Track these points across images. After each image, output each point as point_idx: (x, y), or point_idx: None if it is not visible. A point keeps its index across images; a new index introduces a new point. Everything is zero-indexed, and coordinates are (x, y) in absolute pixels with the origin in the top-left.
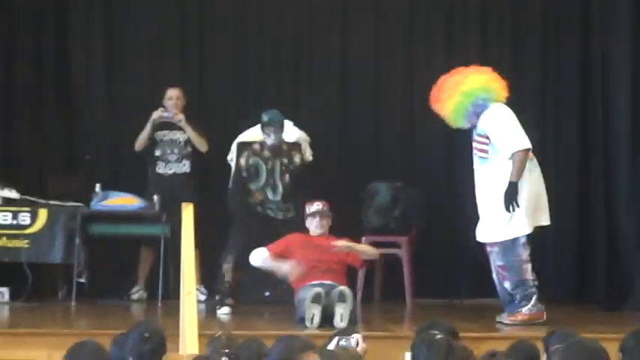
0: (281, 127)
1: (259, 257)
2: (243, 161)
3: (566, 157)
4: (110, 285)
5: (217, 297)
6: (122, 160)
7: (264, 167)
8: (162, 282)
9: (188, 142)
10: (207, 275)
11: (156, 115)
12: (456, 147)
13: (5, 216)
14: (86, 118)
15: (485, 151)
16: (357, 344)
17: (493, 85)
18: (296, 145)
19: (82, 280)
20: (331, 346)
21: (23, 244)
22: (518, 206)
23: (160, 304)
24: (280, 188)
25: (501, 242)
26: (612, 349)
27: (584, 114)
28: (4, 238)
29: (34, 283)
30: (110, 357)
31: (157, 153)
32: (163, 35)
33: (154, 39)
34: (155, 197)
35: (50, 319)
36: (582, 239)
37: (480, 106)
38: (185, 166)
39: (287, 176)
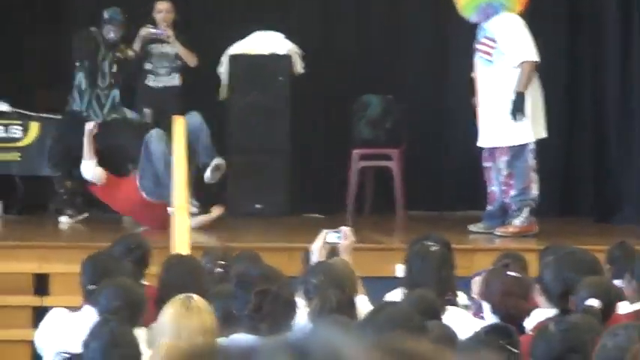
0: (122, 26)
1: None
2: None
3: (554, 70)
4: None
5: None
6: None
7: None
8: None
9: (178, 55)
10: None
11: (144, 32)
12: (448, 60)
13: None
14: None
15: (490, 54)
16: (346, 237)
17: None
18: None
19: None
20: (318, 244)
21: (15, 157)
22: (524, 116)
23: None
24: (108, 76)
25: (510, 147)
26: (602, 260)
27: (573, 29)
28: None
29: (25, 196)
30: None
31: (148, 66)
32: None
33: None
34: (145, 110)
35: (41, 231)
36: (570, 152)
37: (493, 7)
38: (175, 79)
39: (114, 67)
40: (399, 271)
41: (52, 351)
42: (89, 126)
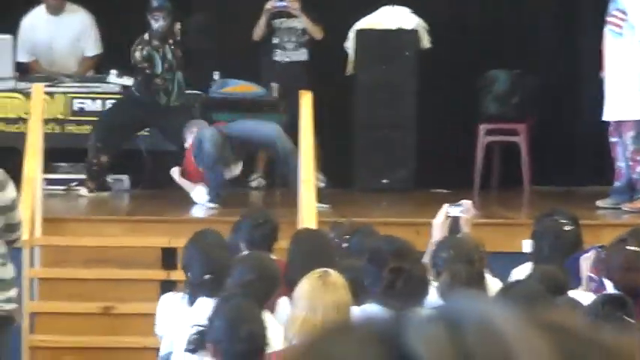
0: (169, 14)
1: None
2: (138, 54)
3: None
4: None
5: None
6: (240, 47)
7: (157, 55)
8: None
9: (305, 30)
10: (325, 162)
11: (269, 4)
12: (578, 32)
13: None
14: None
15: (620, 27)
16: (467, 210)
17: None
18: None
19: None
20: (440, 218)
21: (143, 131)
22: None
23: (278, 192)
24: (167, 62)
25: (636, 122)
26: None
27: None
28: None
29: (153, 170)
30: (227, 245)
31: (275, 41)
32: None
33: None
34: (273, 85)
35: (170, 206)
36: None
37: None
38: (303, 55)
39: (169, 56)
40: (526, 246)
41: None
42: (175, 171)
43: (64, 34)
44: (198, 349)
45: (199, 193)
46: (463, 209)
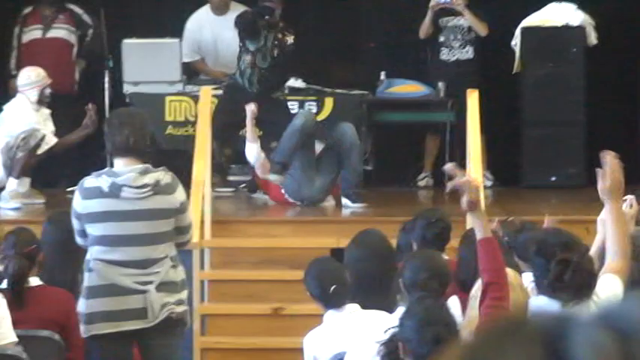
0: (280, 5)
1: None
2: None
3: None
4: (396, 172)
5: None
6: (406, 47)
7: (262, 33)
8: None
9: (471, 27)
10: (492, 161)
11: (433, 2)
12: None
13: (292, 105)
14: (372, 6)
15: None
16: (631, 205)
17: None
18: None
19: (369, 168)
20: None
21: None
22: None
23: (447, 191)
24: (269, 59)
25: None
26: None
27: None
28: None
29: None
30: (391, 247)
31: (441, 39)
32: None
33: None
34: (440, 84)
35: (337, 206)
36: None
37: None
38: (468, 53)
39: (276, 51)
40: None
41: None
42: (250, 107)
43: (229, 32)
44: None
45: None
46: (627, 204)
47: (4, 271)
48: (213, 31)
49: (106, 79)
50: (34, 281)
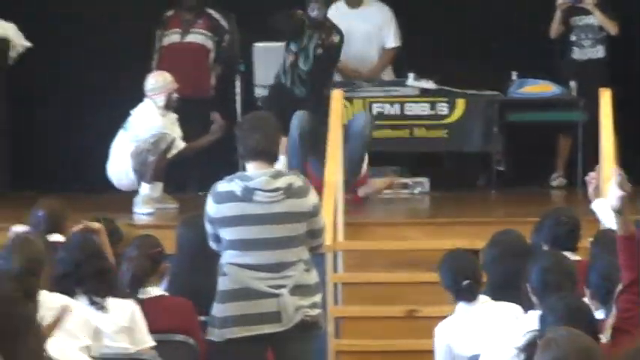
0: (326, 4)
1: None
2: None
3: None
4: (529, 172)
5: None
6: (537, 47)
7: (307, 33)
8: (581, 168)
9: (602, 27)
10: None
11: (560, 0)
12: None
13: (423, 107)
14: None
15: None
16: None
17: None
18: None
19: (501, 168)
20: None
21: (442, 133)
22: None
23: (579, 191)
24: (311, 59)
25: None
26: None
27: None
28: (424, 129)
29: (453, 172)
30: (529, 246)
31: (572, 38)
32: None
33: None
34: (571, 83)
35: (471, 207)
36: None
37: None
38: (599, 52)
39: (319, 51)
40: None
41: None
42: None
43: (363, 26)
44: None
45: None
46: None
47: (126, 271)
48: (347, 24)
49: (238, 83)
50: (155, 291)
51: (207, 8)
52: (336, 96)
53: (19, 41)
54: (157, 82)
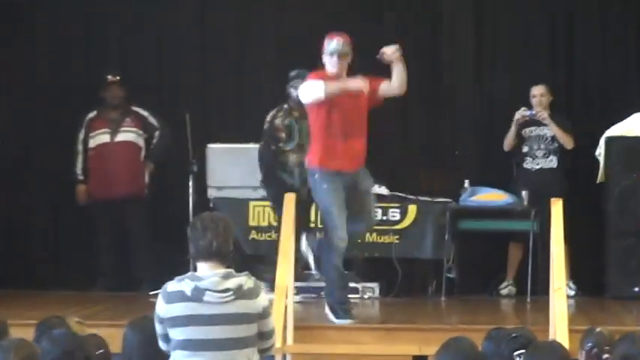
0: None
1: (319, 90)
2: (279, 121)
3: None
4: (479, 280)
5: None
6: (490, 156)
7: (296, 127)
8: (531, 277)
9: (555, 137)
10: (576, 270)
11: (518, 115)
12: None
13: (375, 212)
14: (456, 115)
15: None
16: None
17: None
18: None
19: (452, 276)
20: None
21: (393, 239)
22: None
23: (529, 300)
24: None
25: None
26: None
27: None
28: (375, 234)
29: (403, 278)
30: (481, 354)
31: (524, 149)
32: (531, 33)
33: (522, 35)
34: (523, 193)
35: (421, 314)
36: None
37: None
38: (552, 162)
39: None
40: None
41: None
42: None
43: None
44: None
45: None
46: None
47: None
48: None
49: (190, 184)
50: None
51: (132, 106)
52: (289, 198)
53: None
54: None
